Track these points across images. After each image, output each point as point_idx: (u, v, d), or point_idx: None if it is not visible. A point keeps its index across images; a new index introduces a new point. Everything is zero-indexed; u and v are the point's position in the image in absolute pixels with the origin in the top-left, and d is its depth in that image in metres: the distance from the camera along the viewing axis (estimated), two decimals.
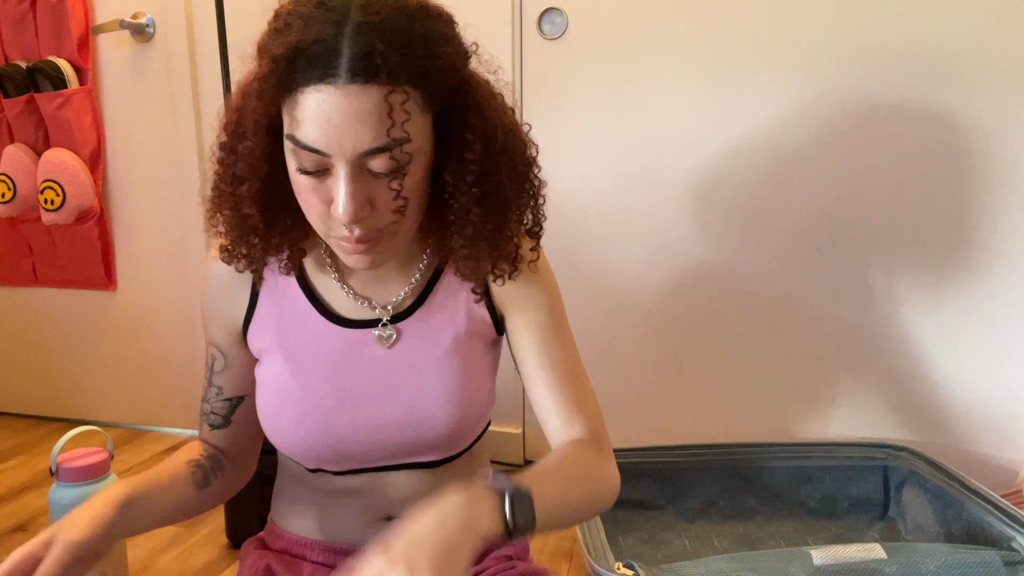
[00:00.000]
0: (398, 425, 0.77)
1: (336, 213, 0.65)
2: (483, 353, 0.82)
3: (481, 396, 0.81)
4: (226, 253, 0.76)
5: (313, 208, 0.67)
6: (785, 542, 1.28)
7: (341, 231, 0.67)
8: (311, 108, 0.62)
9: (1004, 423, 1.44)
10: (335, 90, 0.61)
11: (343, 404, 0.76)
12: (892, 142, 1.42)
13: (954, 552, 0.91)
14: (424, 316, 0.79)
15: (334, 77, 0.61)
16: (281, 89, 0.63)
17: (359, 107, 0.61)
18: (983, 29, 1.34)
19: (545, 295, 0.83)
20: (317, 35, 0.61)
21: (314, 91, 0.61)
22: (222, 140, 0.71)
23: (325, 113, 0.61)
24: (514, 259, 0.77)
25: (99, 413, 2.11)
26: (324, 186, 0.66)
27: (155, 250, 1.96)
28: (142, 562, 1.37)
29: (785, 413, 1.56)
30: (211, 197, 0.74)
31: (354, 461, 0.78)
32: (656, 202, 1.56)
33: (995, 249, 1.40)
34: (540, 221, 0.78)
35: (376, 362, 0.77)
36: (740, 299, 1.54)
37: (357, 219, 0.65)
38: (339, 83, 0.61)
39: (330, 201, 0.66)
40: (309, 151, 0.63)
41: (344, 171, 0.63)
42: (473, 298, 0.81)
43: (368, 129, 0.62)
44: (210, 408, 0.84)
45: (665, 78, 1.51)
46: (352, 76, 0.61)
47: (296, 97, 0.62)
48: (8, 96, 1.91)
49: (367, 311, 0.78)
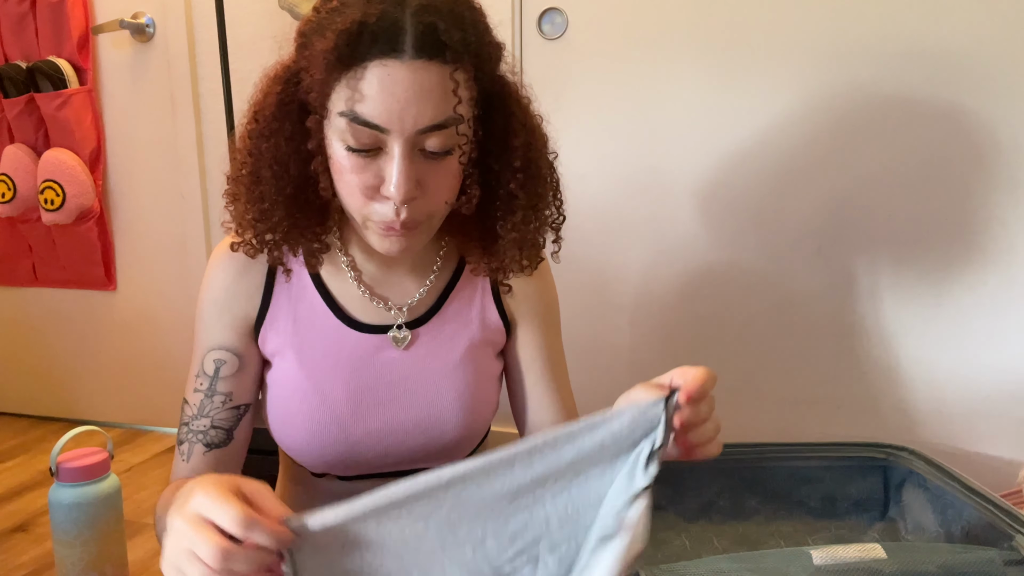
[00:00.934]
0: (410, 432, 0.77)
1: (388, 192, 0.64)
2: (493, 360, 0.83)
3: (490, 403, 0.82)
4: (249, 246, 0.73)
5: (355, 190, 0.66)
6: (785, 542, 1.28)
7: (385, 214, 0.66)
8: (375, 82, 0.61)
9: (1004, 423, 1.44)
10: (401, 64, 0.61)
11: (357, 411, 0.76)
12: (894, 142, 1.42)
13: (954, 552, 0.91)
14: (440, 323, 0.79)
15: (400, 52, 0.61)
16: (342, 65, 0.62)
17: (424, 83, 0.62)
18: (988, 27, 1.34)
19: (554, 303, 0.86)
20: (381, 12, 0.61)
21: (379, 65, 0.61)
22: (251, 128, 0.70)
23: (389, 87, 0.61)
24: (539, 250, 0.78)
25: (99, 413, 2.11)
26: (373, 166, 0.65)
27: (155, 250, 1.96)
28: (142, 562, 1.37)
29: (785, 413, 1.56)
30: (231, 188, 0.73)
31: (362, 467, 0.77)
32: (656, 202, 1.56)
33: (996, 249, 1.40)
34: (562, 211, 0.79)
35: (391, 368, 0.77)
36: (740, 299, 1.54)
37: (408, 199, 0.64)
38: (405, 58, 0.61)
39: (377, 183, 0.65)
40: (368, 127, 0.63)
41: (400, 148, 0.63)
42: (489, 306, 0.81)
43: (430, 106, 0.62)
44: (210, 423, 0.76)
45: (665, 78, 1.51)
46: (418, 52, 0.61)
47: (358, 72, 0.62)
48: (8, 96, 1.91)
49: (383, 313, 0.78)
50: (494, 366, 0.83)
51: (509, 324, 0.83)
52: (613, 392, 1.60)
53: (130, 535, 1.47)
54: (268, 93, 0.70)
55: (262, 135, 0.69)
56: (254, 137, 0.70)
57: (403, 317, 0.78)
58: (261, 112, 0.70)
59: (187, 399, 0.77)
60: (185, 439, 0.76)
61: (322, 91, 0.65)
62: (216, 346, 0.78)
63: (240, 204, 0.72)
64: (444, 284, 0.80)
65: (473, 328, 0.80)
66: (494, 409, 0.83)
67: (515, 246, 0.74)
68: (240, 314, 0.78)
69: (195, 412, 0.76)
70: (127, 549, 1.26)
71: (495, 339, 0.82)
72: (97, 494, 1.18)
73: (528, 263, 0.78)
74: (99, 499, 1.18)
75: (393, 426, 0.76)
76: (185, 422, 0.77)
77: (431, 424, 0.77)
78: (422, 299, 0.79)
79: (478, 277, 0.82)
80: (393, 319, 0.78)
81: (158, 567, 0.45)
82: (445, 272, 0.81)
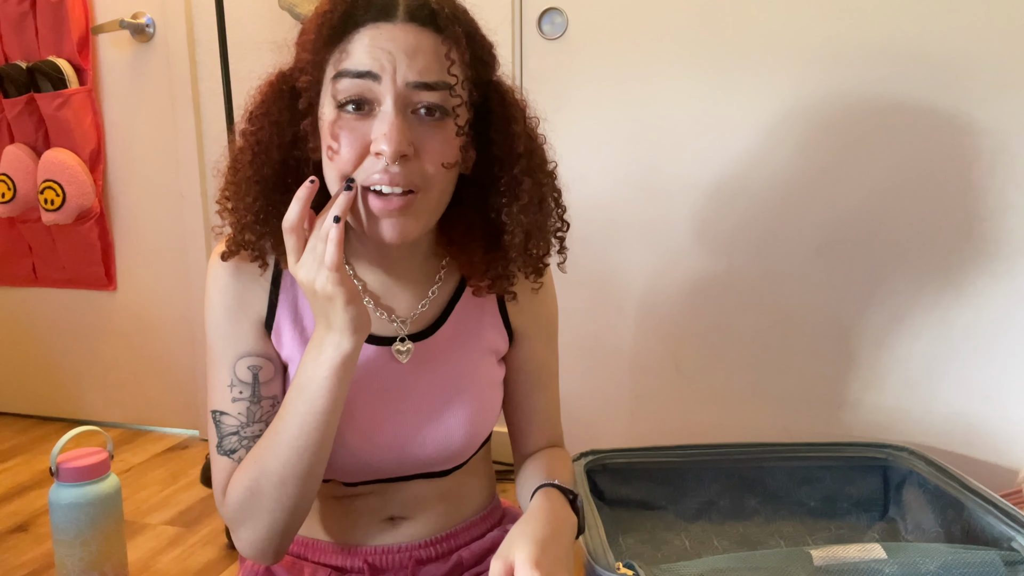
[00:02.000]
0: (416, 442, 0.77)
1: (379, 148, 0.64)
2: (495, 368, 0.83)
3: (494, 410, 0.83)
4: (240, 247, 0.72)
5: (347, 152, 0.65)
6: (785, 542, 1.28)
7: (376, 174, 0.65)
8: (366, 39, 0.64)
9: (1004, 423, 1.44)
10: (392, 25, 0.64)
11: (364, 423, 0.75)
12: (893, 142, 1.42)
13: (954, 552, 0.91)
14: (445, 335, 0.79)
15: (392, 16, 0.64)
16: (336, 36, 0.65)
17: (415, 41, 0.64)
18: (987, 29, 1.34)
19: (555, 315, 0.88)
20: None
21: (371, 27, 0.64)
22: (243, 128, 0.70)
23: (380, 41, 0.63)
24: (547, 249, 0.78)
25: (99, 413, 2.11)
26: (364, 125, 0.65)
27: (155, 250, 1.96)
28: (142, 562, 1.37)
29: (785, 413, 1.56)
30: (222, 189, 0.72)
31: (367, 474, 0.77)
32: (656, 202, 1.56)
33: (996, 249, 1.40)
34: (565, 220, 0.79)
35: (399, 380, 0.77)
36: (740, 299, 1.54)
37: (400, 153, 0.64)
38: (396, 21, 0.64)
39: (367, 143, 0.65)
40: (358, 76, 0.64)
41: (391, 100, 0.64)
42: (494, 316, 0.81)
43: (420, 60, 0.64)
44: (264, 427, 0.74)
45: (665, 78, 1.51)
46: (410, 17, 0.64)
47: (351, 37, 0.64)
48: (8, 96, 1.91)
49: (387, 324, 0.77)
50: (497, 373, 0.83)
51: (513, 334, 0.83)
52: (612, 392, 1.60)
53: (130, 535, 1.47)
54: (262, 92, 0.71)
55: (252, 131, 0.70)
56: (247, 135, 0.70)
57: (407, 329, 0.78)
58: (254, 111, 0.70)
59: (224, 410, 0.75)
60: (239, 446, 0.74)
61: (316, 70, 0.67)
62: (245, 353, 0.75)
63: (231, 203, 0.71)
64: (448, 296, 0.80)
65: (477, 338, 0.80)
66: (497, 414, 0.84)
67: (522, 235, 0.73)
68: (255, 317, 0.76)
69: (244, 420, 0.74)
70: (127, 549, 1.26)
71: (498, 347, 0.82)
72: (97, 494, 1.18)
73: (535, 265, 0.77)
74: (99, 499, 1.18)
75: (400, 437, 0.76)
76: (232, 432, 0.75)
77: (437, 434, 0.77)
78: (427, 311, 0.79)
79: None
80: (397, 331, 0.77)
81: (158, 567, 0.44)
82: (448, 284, 0.80)
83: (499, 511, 0.90)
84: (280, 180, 0.70)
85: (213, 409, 0.75)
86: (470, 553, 0.83)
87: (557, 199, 0.78)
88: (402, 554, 0.81)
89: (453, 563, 0.82)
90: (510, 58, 1.58)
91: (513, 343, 0.84)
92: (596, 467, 1.31)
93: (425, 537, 0.82)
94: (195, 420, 2.01)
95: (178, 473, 1.78)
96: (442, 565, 0.82)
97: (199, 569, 1.35)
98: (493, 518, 0.89)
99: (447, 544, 0.83)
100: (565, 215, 0.79)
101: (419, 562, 0.81)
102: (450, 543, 0.83)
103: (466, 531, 0.85)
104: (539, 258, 0.77)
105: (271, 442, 0.69)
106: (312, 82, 0.67)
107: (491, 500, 0.90)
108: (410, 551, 0.81)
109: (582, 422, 1.65)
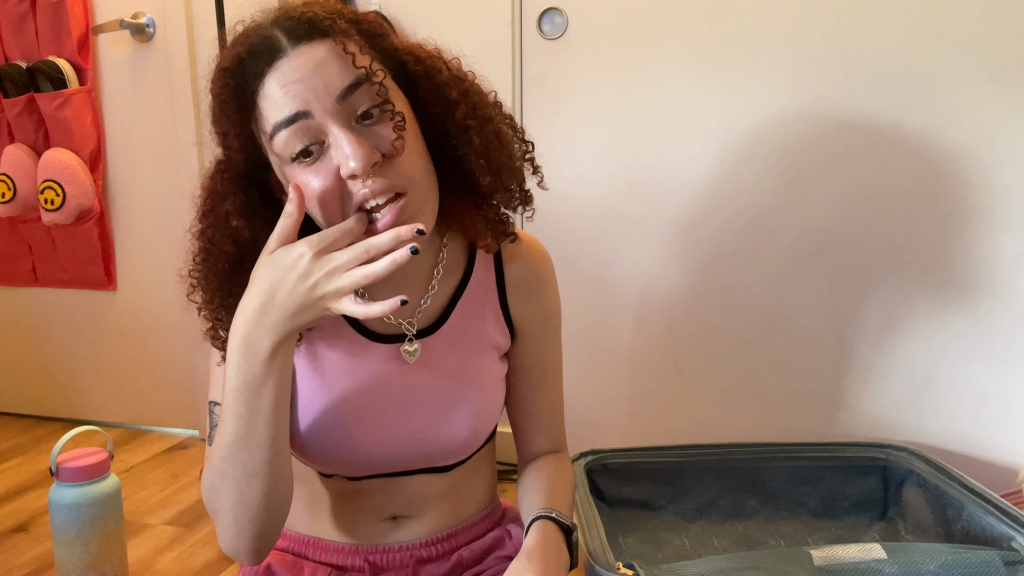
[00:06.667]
0: (421, 439, 0.77)
1: (348, 169, 0.63)
2: (498, 364, 0.83)
3: (498, 406, 0.83)
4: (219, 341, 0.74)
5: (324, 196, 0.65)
6: (785, 542, 1.28)
7: (361, 193, 0.65)
8: (275, 87, 0.64)
9: (1004, 423, 1.44)
10: (286, 60, 0.64)
11: (369, 420, 0.76)
12: (894, 144, 1.42)
13: (954, 552, 0.91)
14: (448, 332, 0.79)
15: (282, 51, 0.64)
16: (244, 99, 0.65)
17: (314, 59, 0.64)
18: (982, 39, 1.34)
19: (557, 311, 0.87)
20: (248, 41, 0.65)
21: (271, 73, 0.64)
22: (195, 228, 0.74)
23: (288, 80, 0.63)
24: (523, 186, 0.78)
25: (99, 413, 2.11)
26: (325, 163, 0.65)
27: (155, 250, 1.96)
28: (142, 562, 1.37)
29: (785, 413, 1.56)
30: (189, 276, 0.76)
31: (371, 469, 0.78)
32: (656, 202, 1.56)
33: (996, 250, 1.40)
34: (527, 143, 0.79)
35: (403, 377, 0.77)
36: (740, 299, 1.55)
37: (370, 162, 0.63)
38: (288, 52, 0.64)
39: (337, 175, 0.65)
40: (292, 122, 0.63)
41: (333, 123, 0.64)
42: (497, 313, 0.81)
43: (333, 71, 0.64)
44: None
45: (665, 78, 1.51)
46: (295, 42, 0.64)
47: (258, 92, 0.65)
48: (8, 96, 1.91)
49: (392, 323, 0.78)
50: (499, 369, 0.83)
51: (514, 330, 0.84)
52: (612, 392, 1.60)
53: (130, 535, 1.47)
54: (205, 188, 0.72)
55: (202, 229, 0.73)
56: (198, 235, 0.73)
57: (413, 331, 0.78)
58: (201, 208, 0.73)
59: (218, 401, 0.77)
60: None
61: (246, 140, 0.67)
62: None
63: (200, 295, 0.75)
64: (450, 292, 0.80)
65: (483, 336, 0.81)
66: (500, 410, 0.84)
67: (492, 175, 0.73)
68: None
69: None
70: (127, 549, 1.26)
71: (501, 344, 0.83)
72: (97, 494, 1.18)
73: (520, 196, 0.77)
74: (99, 499, 1.18)
75: (405, 434, 0.77)
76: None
77: (442, 431, 0.77)
78: (430, 308, 0.79)
79: (485, 285, 0.82)
80: (402, 330, 0.78)
81: (158, 567, 0.45)
82: (450, 279, 0.80)
83: (499, 511, 0.91)
84: (238, 267, 0.72)
85: (210, 400, 0.77)
86: (470, 553, 0.83)
87: (511, 124, 0.77)
88: (403, 553, 0.81)
89: (453, 563, 0.82)
90: (510, 58, 1.58)
91: (515, 339, 0.84)
92: (596, 467, 1.31)
93: (426, 536, 0.82)
94: (195, 420, 2.01)
95: (178, 473, 1.78)
96: (442, 564, 0.82)
97: (199, 569, 1.35)
98: (493, 518, 0.89)
99: (448, 544, 0.83)
100: (526, 136, 0.78)
101: (420, 561, 0.81)
102: (451, 543, 0.83)
103: (466, 531, 0.85)
104: (519, 187, 0.78)
105: (218, 438, 0.69)
106: (251, 151, 0.68)
107: (492, 500, 0.90)
108: (411, 550, 0.81)
109: (582, 422, 1.65)
